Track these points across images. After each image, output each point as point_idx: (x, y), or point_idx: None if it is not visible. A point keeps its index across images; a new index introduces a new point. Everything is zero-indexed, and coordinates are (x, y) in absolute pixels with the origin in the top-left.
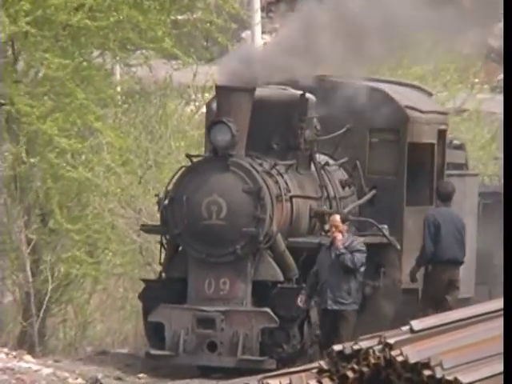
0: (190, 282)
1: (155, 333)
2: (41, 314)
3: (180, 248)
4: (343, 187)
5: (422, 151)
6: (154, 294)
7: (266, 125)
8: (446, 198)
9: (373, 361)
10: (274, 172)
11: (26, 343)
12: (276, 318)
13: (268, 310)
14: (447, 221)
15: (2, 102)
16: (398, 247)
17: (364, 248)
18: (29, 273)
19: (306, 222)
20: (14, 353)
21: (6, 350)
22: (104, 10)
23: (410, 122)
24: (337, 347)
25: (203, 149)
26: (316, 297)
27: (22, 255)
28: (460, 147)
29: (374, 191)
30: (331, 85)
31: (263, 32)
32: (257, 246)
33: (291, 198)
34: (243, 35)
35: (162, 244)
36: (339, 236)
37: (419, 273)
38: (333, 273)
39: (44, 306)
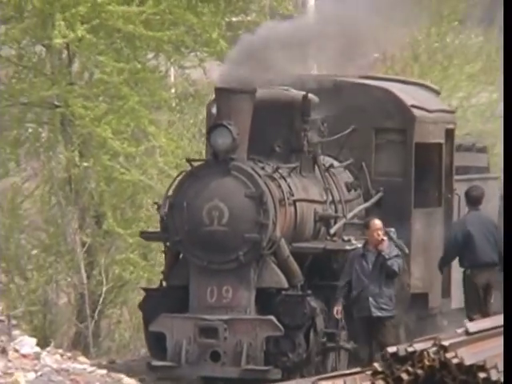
0: (192, 290)
1: (156, 343)
2: (95, 316)
3: (181, 255)
4: (349, 190)
5: (430, 151)
6: (155, 303)
7: (268, 127)
8: (475, 201)
9: (427, 363)
10: (276, 176)
11: (80, 344)
12: (281, 326)
13: (272, 317)
14: (478, 225)
15: (57, 104)
16: (407, 251)
17: (400, 253)
18: (83, 274)
19: (310, 227)
20: (69, 354)
21: (60, 351)
22: (159, 14)
23: (416, 122)
24: (391, 349)
25: None
26: (355, 305)
27: (77, 257)
28: (482, 150)
29: (380, 193)
30: (335, 84)
31: None
32: (260, 252)
33: (295, 201)
34: None
35: (164, 251)
36: (386, 241)
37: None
38: (373, 279)
39: (98, 308)
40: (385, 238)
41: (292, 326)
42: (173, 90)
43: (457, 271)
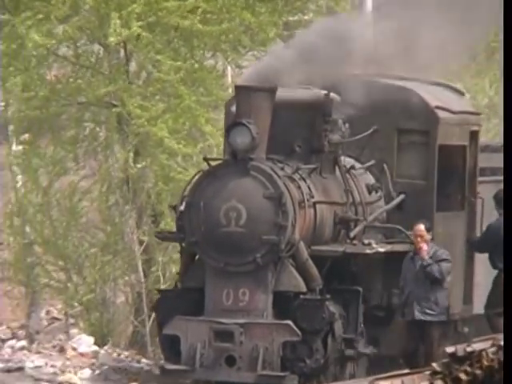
0: (208, 292)
1: (170, 346)
2: (153, 314)
3: (197, 256)
4: (370, 192)
5: (453, 154)
6: (170, 305)
7: (288, 126)
8: None
9: (486, 363)
10: (296, 176)
11: (137, 343)
12: (298, 331)
13: (290, 322)
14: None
15: (114, 103)
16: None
17: (449, 257)
18: (141, 273)
19: (330, 229)
20: (126, 353)
21: (118, 350)
22: (216, 12)
23: (440, 124)
24: (449, 349)
25: None
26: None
27: (134, 255)
28: (499, 150)
29: (402, 196)
30: (358, 83)
31: None
32: (278, 254)
33: (314, 203)
34: None
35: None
36: (425, 246)
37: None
38: (418, 283)
39: None
40: (423, 245)
41: (310, 330)
42: (230, 90)
43: (480, 275)
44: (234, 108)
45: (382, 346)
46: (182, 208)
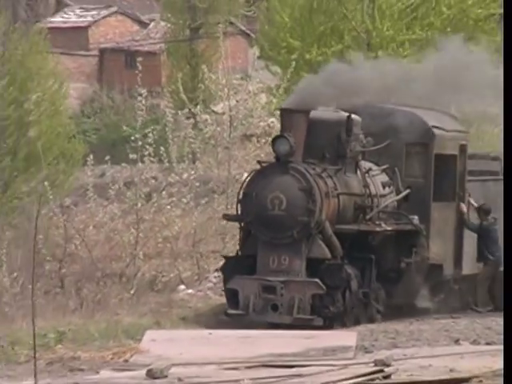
0: (258, 258)
1: (232, 297)
2: None
3: (251, 232)
4: (384, 187)
5: (446, 160)
6: (232, 267)
7: (321, 139)
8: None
9: None
10: (324, 175)
11: None
12: (324, 287)
13: (318, 280)
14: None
15: None
16: (424, 233)
17: None
18: None
19: (351, 214)
20: None
21: None
22: None
23: (436, 139)
24: None
25: None
26: None
27: None
28: (495, 158)
29: (408, 190)
30: (378, 109)
31: None
32: (309, 231)
33: (338, 194)
34: None
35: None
36: None
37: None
38: None
39: None
40: None
41: (332, 286)
42: None
43: (468, 246)
44: None
45: (393, 297)
46: (240, 197)
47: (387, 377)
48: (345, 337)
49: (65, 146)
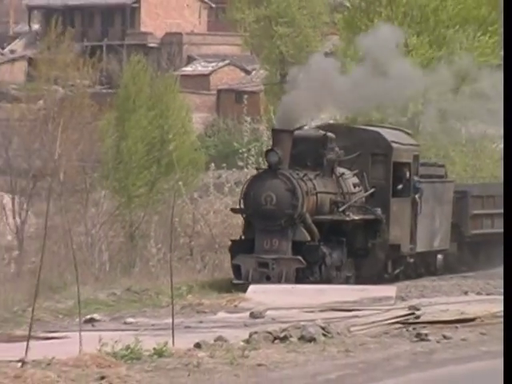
0: (256, 241)
1: (236, 270)
2: None
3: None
4: (354, 187)
5: (402, 167)
6: (237, 248)
7: (304, 151)
8: None
9: None
10: (305, 178)
11: None
12: (304, 262)
13: (300, 257)
14: None
15: None
16: (385, 221)
17: None
18: None
19: (327, 208)
20: None
21: None
22: None
23: (394, 150)
24: None
25: None
26: None
27: None
28: (442, 166)
29: (373, 189)
30: (350, 129)
31: None
32: (294, 221)
33: (316, 193)
34: None
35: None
36: None
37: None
38: None
39: None
40: None
41: (311, 262)
42: None
43: (421, 230)
44: None
45: (363, 268)
46: (242, 196)
47: (417, 317)
48: (387, 290)
49: (193, 156)
